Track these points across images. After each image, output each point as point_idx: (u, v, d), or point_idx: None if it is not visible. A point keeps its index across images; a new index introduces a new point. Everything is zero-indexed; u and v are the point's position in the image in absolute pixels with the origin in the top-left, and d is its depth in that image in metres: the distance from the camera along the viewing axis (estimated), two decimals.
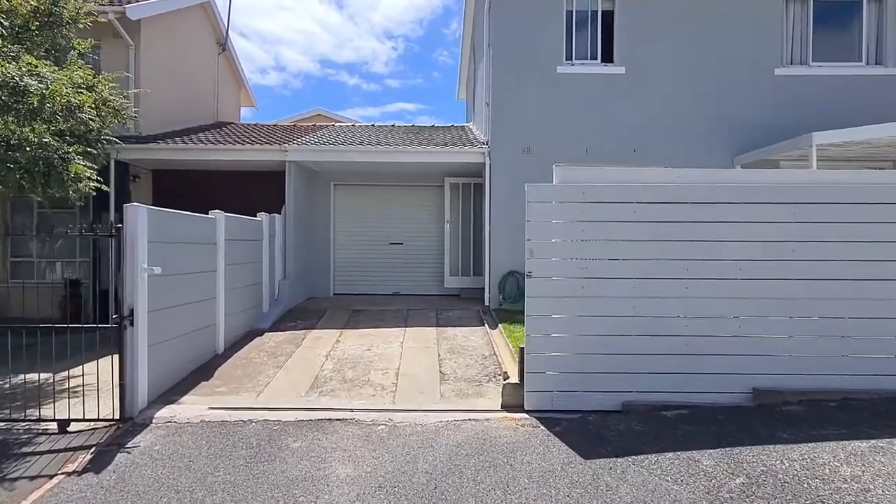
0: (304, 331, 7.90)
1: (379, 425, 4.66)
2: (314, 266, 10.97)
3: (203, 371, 6.16)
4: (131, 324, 4.91)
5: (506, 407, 5.09)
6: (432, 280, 11.33)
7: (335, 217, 11.25)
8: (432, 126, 13.27)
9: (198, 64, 12.97)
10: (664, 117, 9.39)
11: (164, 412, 4.95)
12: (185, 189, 10.85)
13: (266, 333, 7.80)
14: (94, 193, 6.80)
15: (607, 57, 9.48)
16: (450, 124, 13.71)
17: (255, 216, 8.55)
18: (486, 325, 8.18)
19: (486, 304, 9.42)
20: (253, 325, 8.03)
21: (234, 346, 7.12)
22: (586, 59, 9.48)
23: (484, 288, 10.64)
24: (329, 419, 4.80)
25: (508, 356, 6.52)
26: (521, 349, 5.19)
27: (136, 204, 5.01)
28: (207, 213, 6.79)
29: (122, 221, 4.95)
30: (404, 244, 11.33)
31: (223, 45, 13.90)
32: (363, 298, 10.70)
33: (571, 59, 9.47)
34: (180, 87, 11.98)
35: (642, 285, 4.99)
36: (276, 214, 9.29)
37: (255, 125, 13.40)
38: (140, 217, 5.01)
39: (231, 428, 4.61)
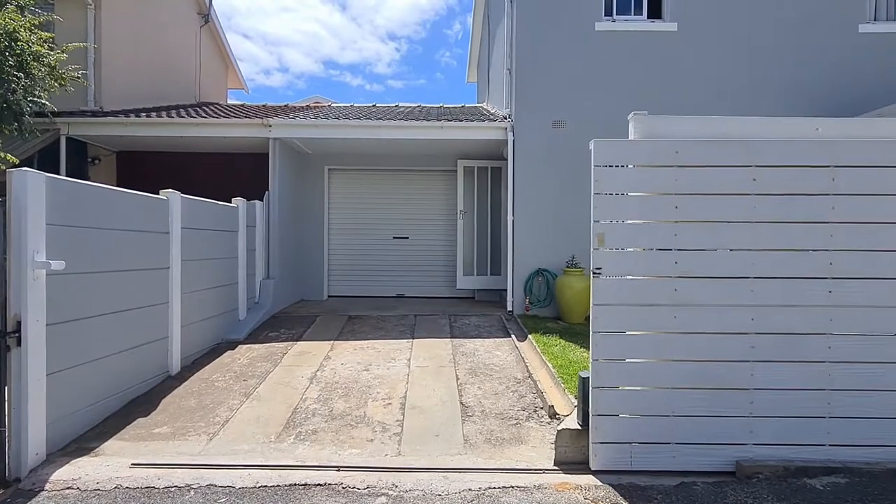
0: (287, 343, 6.35)
1: (378, 496, 3.11)
2: (304, 263, 9.43)
3: (144, 402, 4.61)
4: (18, 343, 3.37)
5: (562, 464, 3.53)
6: (443, 280, 9.77)
7: (330, 207, 9.71)
8: (441, 106, 11.70)
9: (175, 35, 11.45)
10: (724, 83, 7.81)
11: (65, 472, 3.41)
12: (155, 175, 9.31)
13: (239, 346, 6.25)
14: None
15: (655, 12, 7.91)
16: (461, 105, 12.14)
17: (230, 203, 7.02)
18: (512, 335, 6.61)
19: (509, 308, 7.85)
20: (224, 336, 6.49)
21: (195, 365, 5.58)
22: (630, 14, 7.91)
23: (505, 290, 9.07)
24: (305, 484, 3.27)
25: (549, 380, 4.95)
26: (583, 380, 3.63)
27: (25, 170, 3.47)
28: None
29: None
30: (410, 238, 9.77)
31: (206, 16, 12.38)
32: (362, 302, 9.15)
33: (612, 15, 7.89)
34: (153, 60, 10.46)
35: (764, 288, 3.42)
36: (257, 202, 7.75)
37: (241, 105, 11.86)
38: (32, 189, 3.47)
39: (159, 501, 3.07)
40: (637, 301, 3.52)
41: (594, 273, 3.54)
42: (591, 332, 3.58)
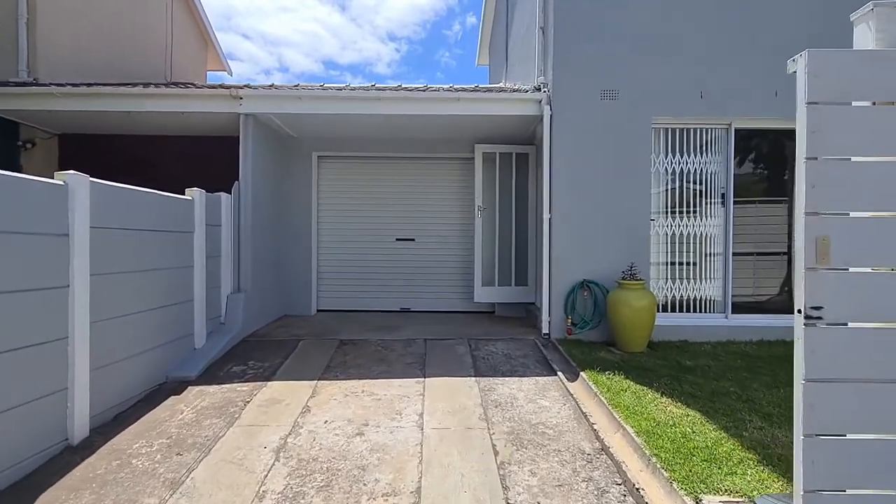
0: (253, 384, 4.66)
1: None
2: (287, 272, 7.73)
3: (11, 499, 2.93)
4: None
5: None
6: (456, 291, 8.07)
7: (319, 202, 8.01)
8: (451, 87, 10.00)
9: (141, 4, 9.75)
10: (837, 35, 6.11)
11: None
12: (107, 162, 7.63)
13: (189, 389, 4.57)
14: None
15: None
16: (473, 85, 10.44)
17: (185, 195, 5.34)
18: (557, 372, 4.92)
19: (544, 331, 6.16)
20: (171, 373, 4.81)
21: (117, 423, 3.89)
22: None
23: (532, 303, 7.43)
24: None
25: (633, 456, 3.26)
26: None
27: None
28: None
29: None
30: (417, 241, 8.08)
31: None
32: (358, 318, 7.46)
33: None
34: (111, 29, 8.76)
35: None
36: (222, 194, 6.06)
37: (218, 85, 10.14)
38: None
39: None
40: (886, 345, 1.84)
41: (807, 317, 1.86)
42: (797, 428, 1.90)
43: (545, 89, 6.29)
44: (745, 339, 6.09)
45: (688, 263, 6.40)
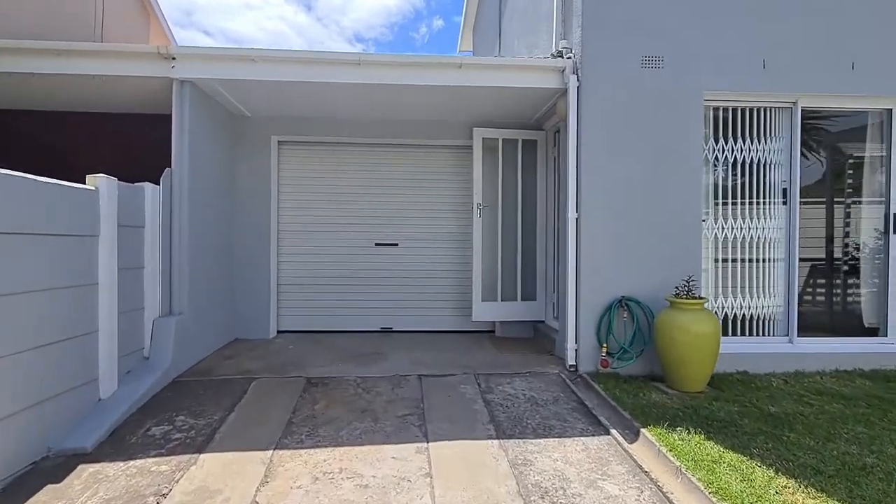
0: (176, 460, 3.17)
1: None
2: (240, 285, 6.19)
3: None
4: None
5: None
6: (449, 307, 6.68)
7: (280, 197, 6.50)
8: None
9: None
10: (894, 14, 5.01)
11: None
12: (10, 149, 5.97)
13: (77, 472, 3.04)
14: None
15: None
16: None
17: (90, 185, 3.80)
18: (609, 428, 3.58)
19: (570, 361, 4.83)
20: (56, 443, 3.27)
21: None
22: None
23: (542, 321, 6.15)
24: None
25: None
26: None
27: None
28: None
29: None
30: (401, 246, 6.65)
31: None
32: (328, 343, 5.98)
33: None
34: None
35: None
36: (146, 185, 4.53)
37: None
38: None
39: None
40: None
41: None
42: None
43: (569, 55, 4.97)
44: (816, 368, 4.90)
45: (743, 275, 5.18)
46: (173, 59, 4.77)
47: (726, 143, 5.11)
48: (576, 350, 4.82)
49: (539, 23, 6.30)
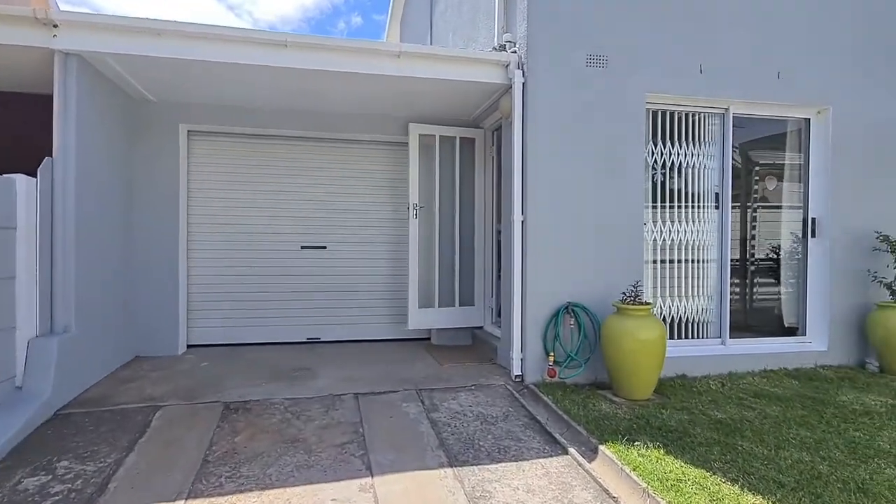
0: None
1: None
2: (142, 294, 5.39)
3: None
4: None
5: None
6: (383, 314, 6.25)
7: (191, 195, 5.75)
8: None
9: None
10: (820, 27, 5.26)
11: None
12: None
13: None
14: None
15: None
16: None
17: None
18: (566, 447, 3.36)
19: (516, 371, 4.60)
20: None
21: None
22: None
23: (481, 327, 5.90)
24: None
25: None
26: None
27: None
28: None
29: None
30: (330, 249, 6.13)
31: None
32: (248, 357, 5.36)
33: None
34: None
35: None
36: (17, 177, 3.73)
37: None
38: None
39: None
40: None
41: None
42: None
43: (513, 49, 4.74)
44: (747, 368, 5.03)
45: (680, 278, 5.22)
46: (55, 26, 3.98)
47: (664, 147, 5.12)
48: (521, 359, 4.60)
49: (478, 15, 6.04)
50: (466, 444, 3.39)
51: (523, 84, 4.58)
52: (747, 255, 5.54)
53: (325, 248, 6.09)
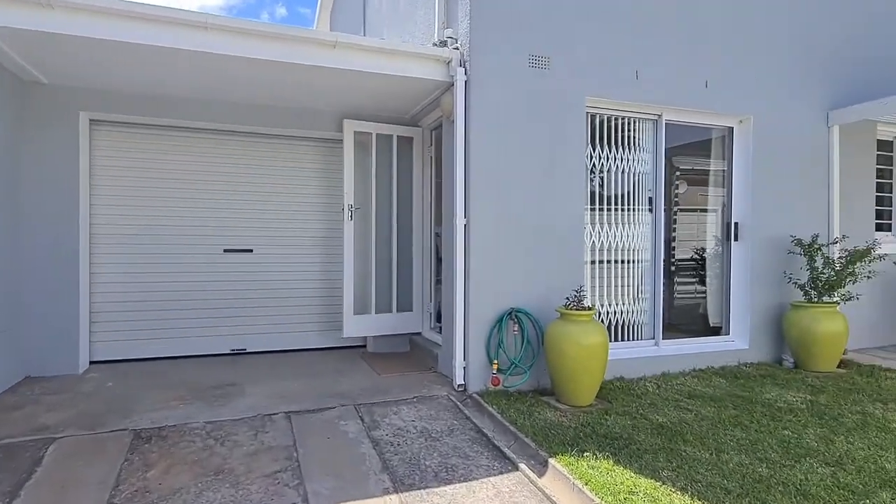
0: None
1: None
2: (33, 304, 4.71)
3: None
4: None
5: None
6: (315, 321, 5.89)
7: (93, 192, 5.11)
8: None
9: None
10: (744, 41, 5.50)
11: None
12: None
13: None
14: None
15: None
16: None
17: None
18: (516, 462, 3.23)
19: (459, 381, 4.44)
20: None
21: None
22: None
23: (419, 332, 5.73)
24: None
25: None
26: None
27: None
28: None
29: None
30: (257, 253, 5.68)
31: None
32: (163, 374, 4.84)
33: None
34: None
35: None
36: None
37: None
38: None
39: None
40: None
41: None
42: None
43: (455, 46, 4.57)
44: (679, 368, 5.18)
45: (618, 281, 5.29)
46: None
47: (602, 151, 5.16)
48: (464, 368, 4.45)
49: (416, 9, 5.82)
50: (412, 464, 3.18)
51: (466, 82, 4.41)
52: (677, 258, 5.72)
53: (251, 251, 5.64)
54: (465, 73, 4.41)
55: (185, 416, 3.77)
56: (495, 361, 4.40)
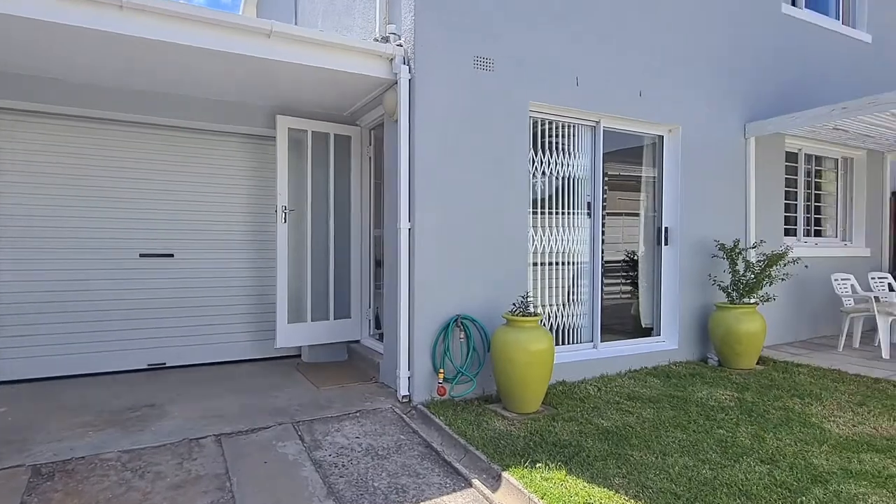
0: None
1: None
2: None
3: None
4: None
5: None
6: (245, 330, 5.49)
7: None
8: None
9: None
10: (674, 54, 5.73)
11: None
12: None
13: None
14: None
15: None
16: None
17: None
18: (472, 480, 3.11)
19: (403, 391, 4.28)
20: None
21: None
22: None
23: (357, 340, 5.51)
24: None
25: None
26: None
27: None
28: None
29: None
30: (178, 258, 5.20)
31: None
32: (71, 394, 4.30)
33: None
34: None
35: None
36: None
37: None
38: None
39: None
40: None
41: None
42: None
43: (399, 42, 4.38)
44: (616, 370, 5.30)
45: (559, 285, 5.33)
46: None
47: (544, 156, 5.18)
48: (409, 378, 4.28)
49: (354, 2, 5.56)
50: (359, 487, 2.98)
51: (410, 80, 4.25)
52: (613, 262, 5.87)
53: (171, 255, 5.15)
54: (410, 72, 4.25)
55: (95, 445, 3.33)
56: (441, 370, 4.27)
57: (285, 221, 5.14)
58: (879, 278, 7.12)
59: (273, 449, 3.38)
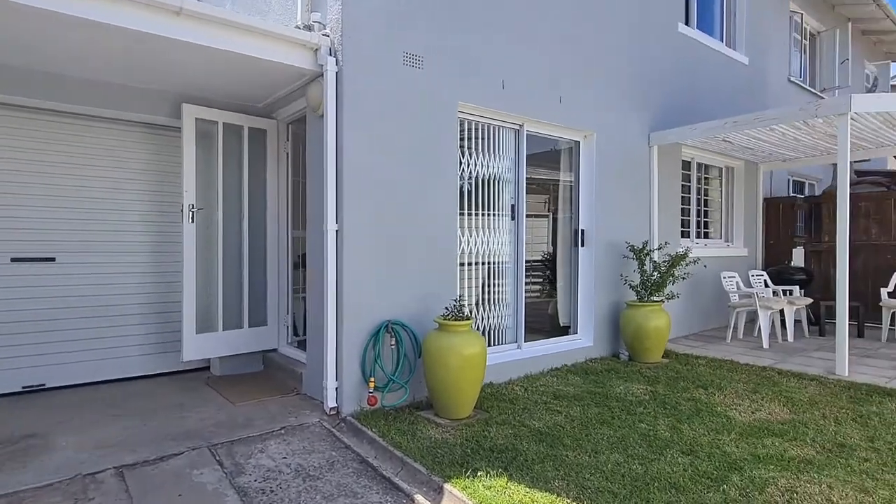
0: None
1: None
2: None
3: None
4: None
5: None
6: (144, 342, 4.89)
7: None
8: None
9: None
10: (590, 63, 5.97)
11: None
12: None
13: None
14: None
15: None
16: None
17: None
18: (413, 495, 2.97)
19: (331, 403, 4.03)
20: None
21: None
22: None
23: (275, 349, 5.17)
24: None
25: None
26: None
27: None
28: None
29: None
30: (61, 262, 4.51)
31: None
32: None
33: None
34: None
35: None
36: None
37: None
38: None
39: None
40: None
41: None
42: None
43: (325, 32, 4.12)
44: (539, 369, 5.43)
45: (484, 287, 5.34)
46: None
47: (471, 157, 5.16)
48: (337, 388, 4.05)
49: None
50: None
51: (337, 73, 4.01)
52: (534, 263, 6.00)
53: (52, 259, 4.46)
54: (337, 64, 4.01)
55: None
56: (372, 378, 4.09)
57: (193, 221, 4.66)
58: (757, 276, 7.96)
59: (188, 478, 3.02)
